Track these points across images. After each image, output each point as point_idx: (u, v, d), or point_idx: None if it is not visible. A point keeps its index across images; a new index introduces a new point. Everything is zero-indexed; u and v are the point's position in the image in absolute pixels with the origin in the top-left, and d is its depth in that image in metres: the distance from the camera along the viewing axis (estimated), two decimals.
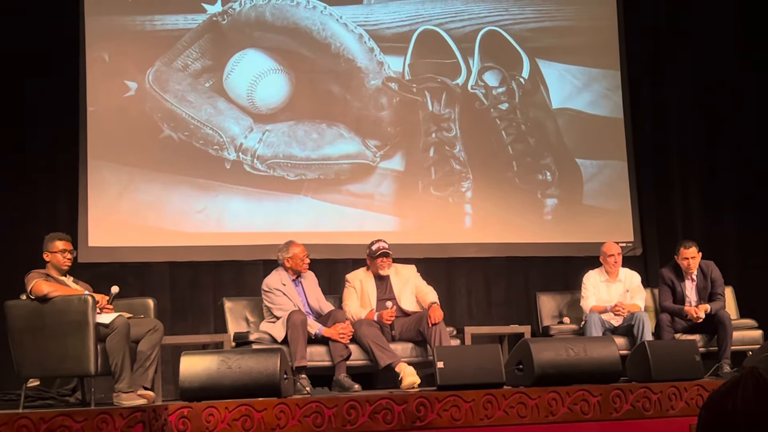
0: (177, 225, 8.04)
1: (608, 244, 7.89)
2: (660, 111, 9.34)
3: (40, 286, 5.62)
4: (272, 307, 6.87)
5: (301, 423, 4.94)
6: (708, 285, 7.62)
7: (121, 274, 7.81)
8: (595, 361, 5.66)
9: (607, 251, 7.78)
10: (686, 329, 7.48)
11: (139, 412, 4.66)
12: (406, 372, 6.46)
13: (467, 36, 8.98)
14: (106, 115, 7.98)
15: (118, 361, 5.54)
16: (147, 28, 8.21)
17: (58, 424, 4.42)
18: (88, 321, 5.49)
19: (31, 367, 5.65)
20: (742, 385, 1.63)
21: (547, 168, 8.98)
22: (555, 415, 5.28)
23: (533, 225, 8.85)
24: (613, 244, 7.87)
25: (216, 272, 8.10)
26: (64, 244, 5.94)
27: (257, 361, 5.19)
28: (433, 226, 8.61)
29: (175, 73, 8.19)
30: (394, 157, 8.60)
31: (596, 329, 7.24)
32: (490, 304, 8.71)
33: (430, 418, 5.11)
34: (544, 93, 9.10)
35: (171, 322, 7.53)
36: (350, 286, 7.21)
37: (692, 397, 5.48)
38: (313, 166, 8.36)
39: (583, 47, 9.30)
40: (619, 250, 7.82)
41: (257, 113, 8.32)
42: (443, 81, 8.83)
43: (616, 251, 7.77)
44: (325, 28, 8.56)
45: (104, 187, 7.89)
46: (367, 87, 8.64)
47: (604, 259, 7.77)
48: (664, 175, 9.26)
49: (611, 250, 7.78)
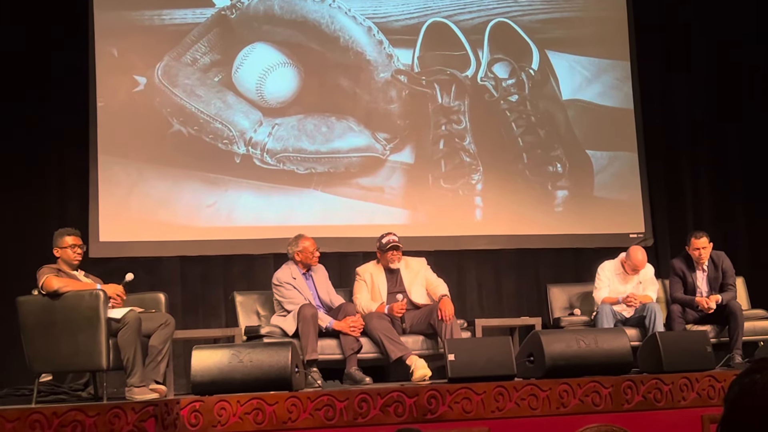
0: (187, 219, 8.06)
1: (635, 251, 7.59)
2: (670, 101, 9.31)
3: (51, 281, 5.64)
4: (283, 301, 6.87)
5: (312, 416, 4.94)
6: (719, 276, 7.59)
7: (132, 268, 7.75)
8: (607, 352, 5.64)
9: (633, 259, 7.53)
10: (697, 320, 7.46)
11: (151, 407, 4.66)
12: (417, 365, 6.45)
13: (476, 28, 8.96)
14: (115, 111, 7.99)
15: (130, 355, 5.55)
16: (155, 23, 8.21)
17: (71, 418, 4.42)
18: (100, 316, 5.50)
19: (43, 363, 5.66)
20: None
21: (558, 160, 8.95)
22: (566, 406, 5.27)
23: (544, 217, 8.83)
24: (640, 256, 7.56)
25: (226, 266, 8.12)
26: (73, 239, 5.95)
27: (268, 354, 5.19)
28: (443, 219, 8.60)
29: (184, 67, 8.20)
30: (403, 150, 8.59)
31: (607, 321, 7.22)
32: (501, 296, 8.70)
33: (441, 411, 5.10)
34: (553, 84, 9.08)
35: (182, 316, 7.55)
36: (360, 280, 7.20)
37: (704, 388, 5.46)
38: (322, 159, 8.36)
39: (592, 38, 9.27)
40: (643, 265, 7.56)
41: (266, 107, 8.32)
42: (452, 73, 8.82)
43: (640, 266, 7.54)
44: (333, 21, 8.56)
45: (115, 182, 7.91)
46: (377, 80, 8.63)
47: (626, 261, 7.59)
48: (675, 165, 9.23)
49: (636, 263, 7.52)
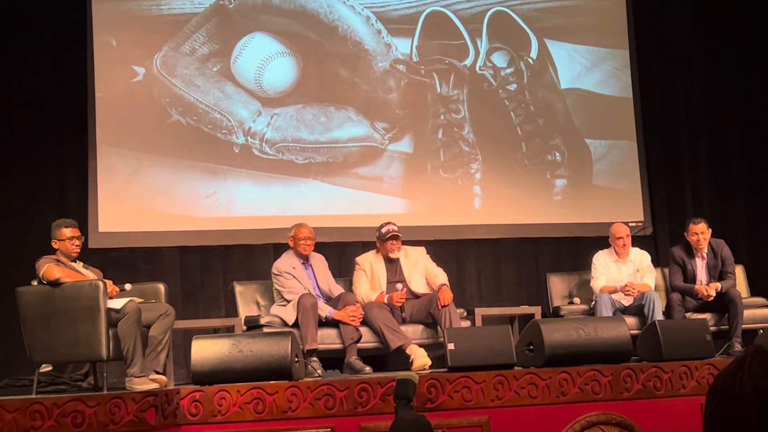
0: (186, 210, 8.06)
1: (616, 226, 7.78)
2: (669, 90, 9.29)
3: (51, 270, 5.64)
4: (282, 291, 6.88)
5: (312, 406, 4.96)
6: (718, 263, 7.59)
7: (132, 259, 7.85)
8: (606, 341, 5.65)
9: (616, 233, 7.69)
10: (697, 308, 7.46)
11: (152, 397, 4.68)
12: (416, 354, 6.46)
13: (475, 17, 8.94)
14: (114, 101, 7.99)
15: (130, 345, 5.55)
16: (154, 13, 8.20)
17: (71, 409, 4.43)
18: (100, 306, 5.50)
19: (43, 353, 5.67)
20: (748, 364, 1.62)
21: (556, 148, 8.95)
22: (566, 395, 5.28)
23: (543, 206, 8.84)
24: (622, 226, 7.76)
25: (226, 256, 8.12)
26: (71, 231, 5.94)
27: (268, 344, 5.20)
28: (442, 208, 8.61)
29: (183, 57, 8.19)
30: (402, 140, 8.59)
31: (606, 309, 7.23)
32: (500, 285, 8.71)
33: (441, 400, 5.12)
34: (552, 73, 9.07)
35: (182, 306, 7.55)
36: (360, 269, 7.21)
37: (703, 376, 5.48)
38: (321, 149, 8.36)
39: (591, 27, 9.25)
40: (627, 231, 7.71)
41: (265, 97, 8.31)
42: (451, 62, 8.80)
43: (625, 233, 7.67)
44: (332, 11, 8.54)
45: (113, 172, 7.91)
46: (375, 69, 8.62)
47: (613, 241, 7.70)
48: (674, 154, 9.22)
49: (620, 232, 7.68)
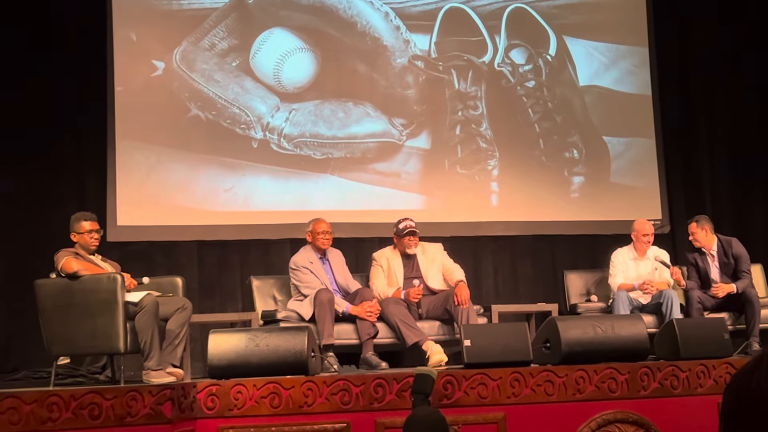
0: (205, 204, 8.08)
1: (641, 222, 7.77)
2: (687, 87, 9.25)
3: (70, 262, 5.66)
4: (299, 285, 6.89)
5: (328, 401, 4.96)
6: (731, 261, 7.53)
7: (150, 252, 7.87)
8: (623, 339, 5.63)
9: (641, 230, 7.66)
10: (715, 307, 7.43)
11: (168, 390, 4.69)
12: (433, 350, 6.46)
13: (494, 13, 8.92)
14: (133, 95, 8.01)
15: (147, 339, 5.57)
16: (174, 8, 8.21)
17: (89, 401, 4.45)
18: (118, 299, 5.52)
19: (61, 346, 5.69)
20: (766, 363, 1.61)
21: (574, 146, 8.92)
22: (582, 393, 5.27)
23: (560, 203, 8.81)
24: (647, 224, 7.74)
25: (243, 251, 8.14)
26: (90, 224, 5.96)
27: (285, 339, 5.20)
28: (459, 205, 8.60)
29: (202, 52, 8.20)
30: (420, 136, 8.58)
31: (624, 307, 7.21)
32: (517, 282, 8.70)
33: (457, 396, 5.11)
34: (570, 70, 9.04)
35: (199, 300, 7.57)
36: (377, 265, 7.21)
37: (721, 375, 5.45)
38: (339, 144, 8.36)
39: (610, 24, 9.22)
40: (653, 230, 7.70)
41: (284, 92, 8.32)
42: (469, 59, 8.79)
43: (650, 231, 7.66)
44: (351, 7, 8.54)
45: (132, 166, 7.94)
46: (393, 65, 8.61)
47: (637, 237, 7.67)
48: (692, 152, 9.18)
49: (645, 229, 7.66)
